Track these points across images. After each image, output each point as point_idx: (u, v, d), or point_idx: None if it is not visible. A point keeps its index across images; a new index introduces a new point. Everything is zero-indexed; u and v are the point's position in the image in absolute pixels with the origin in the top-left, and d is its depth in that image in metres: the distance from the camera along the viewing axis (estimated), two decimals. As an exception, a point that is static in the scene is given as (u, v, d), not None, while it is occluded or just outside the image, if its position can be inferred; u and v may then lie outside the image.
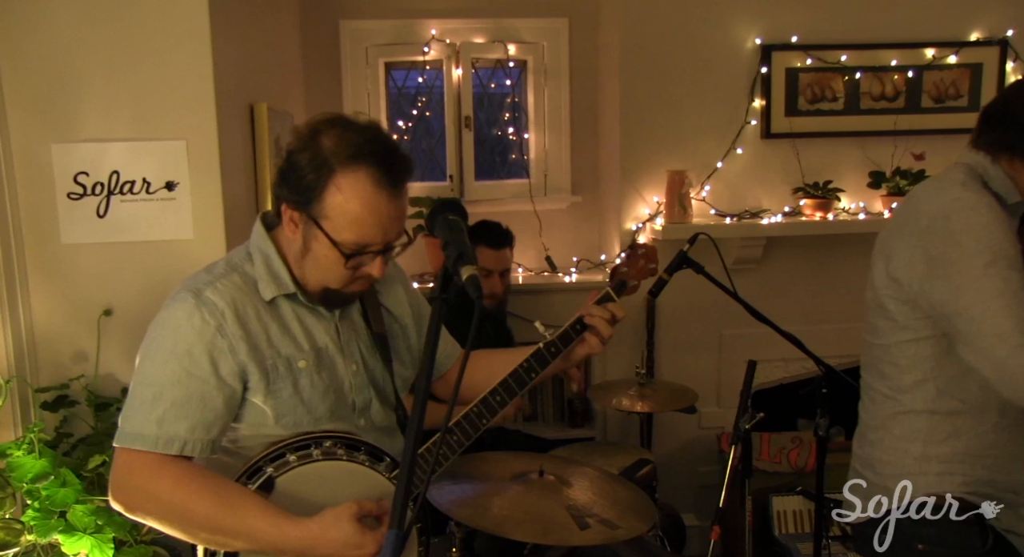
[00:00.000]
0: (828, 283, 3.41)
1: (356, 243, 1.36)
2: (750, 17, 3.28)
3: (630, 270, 1.72)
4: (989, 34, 3.33)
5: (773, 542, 3.11)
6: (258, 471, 1.39)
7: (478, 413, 1.52)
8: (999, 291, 1.45)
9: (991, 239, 1.49)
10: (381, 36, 3.46)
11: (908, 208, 1.67)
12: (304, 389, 1.42)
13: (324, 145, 1.35)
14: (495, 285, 2.92)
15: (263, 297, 1.42)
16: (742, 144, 3.32)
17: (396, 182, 1.35)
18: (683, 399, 2.83)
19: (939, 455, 1.62)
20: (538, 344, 1.57)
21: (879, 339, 1.71)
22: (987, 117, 1.66)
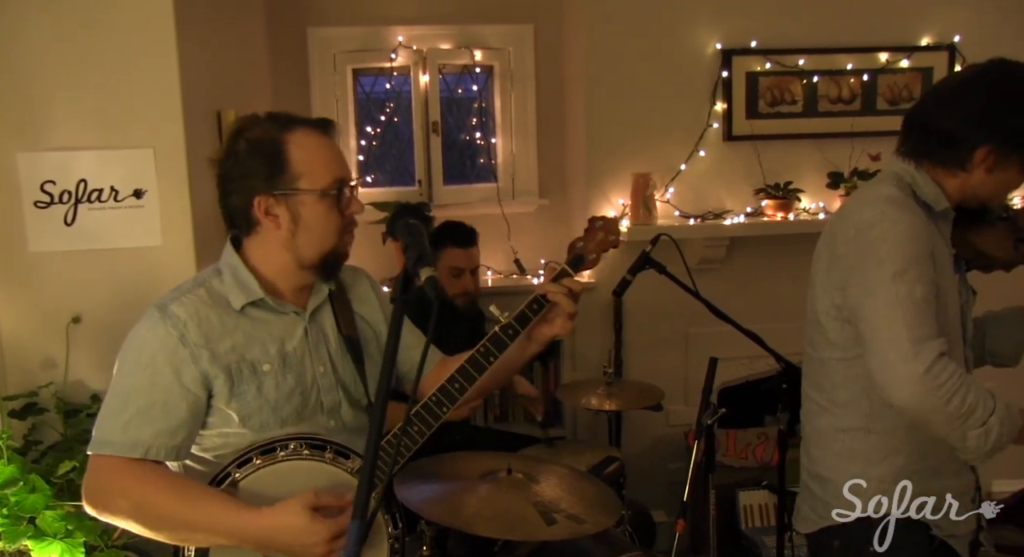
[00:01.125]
0: (790, 281, 3.48)
1: (336, 180, 1.46)
2: (711, 23, 3.36)
3: (587, 243, 1.66)
4: (938, 39, 3.44)
5: (740, 536, 3.18)
6: (226, 476, 1.44)
7: (437, 402, 1.52)
8: (901, 299, 1.46)
9: (904, 251, 1.50)
10: (349, 43, 3.49)
11: (840, 219, 1.68)
12: (269, 391, 1.47)
13: (256, 135, 1.44)
14: (467, 283, 2.96)
15: (234, 307, 1.47)
16: (705, 147, 3.40)
17: (328, 131, 1.50)
18: (650, 397, 2.88)
19: (879, 475, 1.64)
20: (495, 328, 1.57)
21: (816, 352, 1.73)
22: (907, 124, 1.68)
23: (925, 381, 1.42)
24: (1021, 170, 1.59)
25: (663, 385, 3.00)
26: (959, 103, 1.57)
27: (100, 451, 1.41)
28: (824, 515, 1.73)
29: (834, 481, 1.69)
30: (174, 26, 2.18)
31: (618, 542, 2.27)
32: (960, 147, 1.56)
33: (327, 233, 1.47)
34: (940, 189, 1.61)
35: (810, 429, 1.80)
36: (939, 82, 1.73)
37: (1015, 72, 1.57)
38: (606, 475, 2.71)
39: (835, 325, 1.65)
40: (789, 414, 2.34)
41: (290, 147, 1.43)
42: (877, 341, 1.49)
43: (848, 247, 1.58)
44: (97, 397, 2.21)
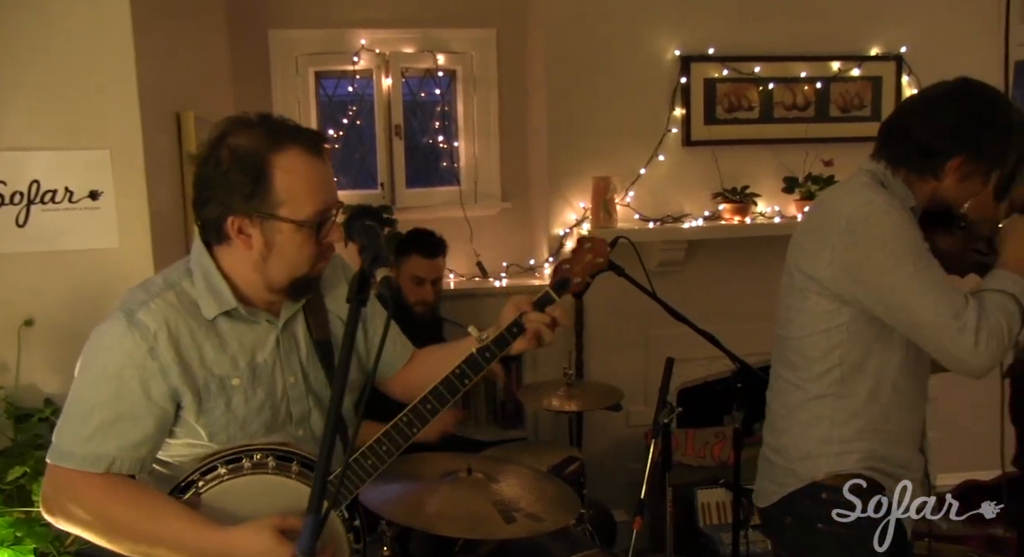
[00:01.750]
0: (747, 283, 3.55)
1: (319, 212, 1.39)
2: (670, 29, 3.42)
3: (574, 266, 1.59)
4: (887, 50, 3.55)
5: (698, 533, 3.23)
6: (190, 484, 1.41)
7: (408, 422, 1.48)
8: (930, 285, 1.59)
9: (909, 238, 1.61)
10: (310, 45, 3.49)
11: (822, 212, 1.76)
12: (237, 406, 1.43)
13: (241, 146, 1.35)
14: (427, 293, 2.97)
15: (205, 315, 1.42)
16: (664, 151, 3.45)
17: (321, 149, 1.41)
18: (610, 398, 2.92)
19: (840, 436, 1.73)
20: (471, 350, 1.52)
21: (791, 333, 1.81)
22: (885, 132, 1.77)
23: (980, 348, 1.55)
24: (985, 180, 1.71)
25: (623, 386, 3.03)
26: (936, 117, 1.68)
27: (61, 463, 1.36)
28: (783, 483, 1.79)
29: (796, 446, 1.78)
30: (131, 26, 2.17)
31: (578, 540, 2.30)
32: (935, 157, 1.67)
33: (300, 261, 1.41)
34: (909, 192, 1.71)
35: (778, 406, 1.87)
36: (914, 96, 1.84)
37: (982, 91, 1.69)
38: (566, 475, 2.74)
39: (822, 302, 1.72)
40: (745, 413, 2.39)
41: (276, 171, 1.35)
42: (922, 327, 1.61)
43: (844, 239, 1.66)
44: (51, 401, 2.18)
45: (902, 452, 1.76)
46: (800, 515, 1.76)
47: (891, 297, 1.62)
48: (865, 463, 1.72)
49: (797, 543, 1.79)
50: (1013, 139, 1.68)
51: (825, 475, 1.73)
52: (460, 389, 1.50)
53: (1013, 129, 1.67)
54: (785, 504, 1.79)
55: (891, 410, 1.74)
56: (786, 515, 1.80)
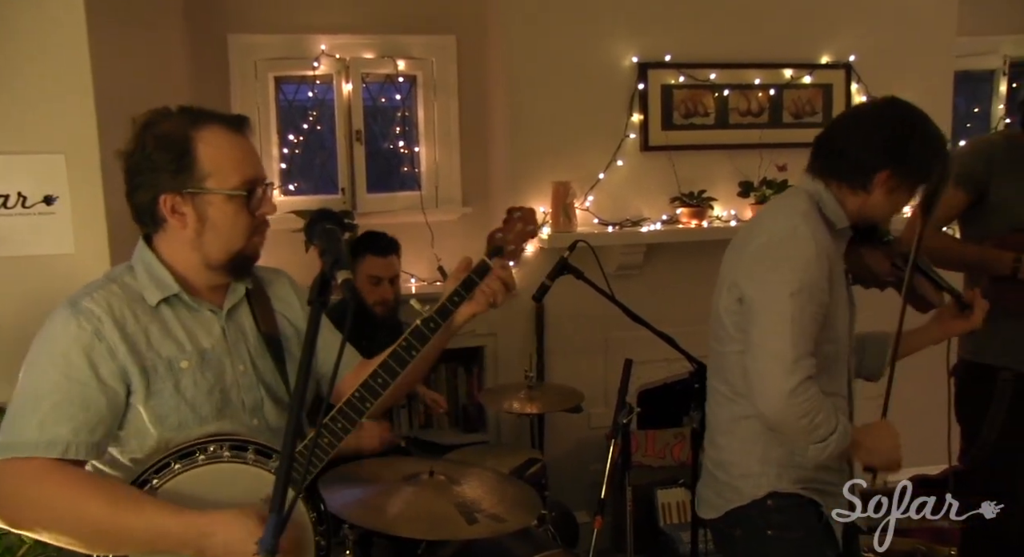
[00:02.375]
0: (705, 286, 3.58)
1: (246, 181, 1.42)
2: (627, 37, 3.47)
3: (507, 235, 1.64)
4: (836, 58, 3.64)
5: (659, 532, 3.28)
6: (143, 484, 1.38)
7: (360, 397, 1.49)
8: (793, 319, 1.64)
9: (805, 272, 1.67)
10: (270, 50, 3.47)
11: (754, 225, 1.84)
12: (186, 389, 1.43)
13: (164, 130, 1.40)
14: (385, 292, 2.99)
15: (149, 302, 1.44)
16: (622, 156, 3.50)
17: (242, 128, 1.46)
18: (570, 400, 2.96)
19: (777, 457, 1.79)
20: (416, 321, 1.55)
21: (720, 346, 1.86)
22: (817, 145, 1.84)
23: (790, 398, 1.62)
24: (910, 194, 1.79)
25: (584, 388, 3.07)
26: (866, 132, 1.76)
27: (12, 454, 1.31)
28: (729, 498, 1.84)
29: (737, 464, 1.83)
30: (86, 29, 2.15)
31: (540, 541, 2.33)
32: (865, 170, 1.74)
33: (235, 234, 1.44)
34: (842, 209, 1.78)
35: (715, 419, 1.91)
36: (845, 113, 1.92)
37: (909, 110, 1.77)
38: (528, 477, 2.77)
39: (736, 320, 1.78)
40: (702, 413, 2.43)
41: (199, 145, 1.39)
42: (763, 350, 1.67)
43: (757, 253, 1.73)
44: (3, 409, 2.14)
45: (830, 476, 1.82)
46: (749, 525, 1.82)
47: (759, 315, 1.69)
48: (799, 483, 1.79)
49: (748, 551, 1.84)
50: (936, 155, 1.75)
51: (767, 493, 1.79)
52: (408, 360, 1.52)
53: (936, 146, 1.75)
54: (732, 518, 1.84)
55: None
56: (735, 528, 1.85)
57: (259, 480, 1.42)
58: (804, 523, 1.78)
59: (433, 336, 1.54)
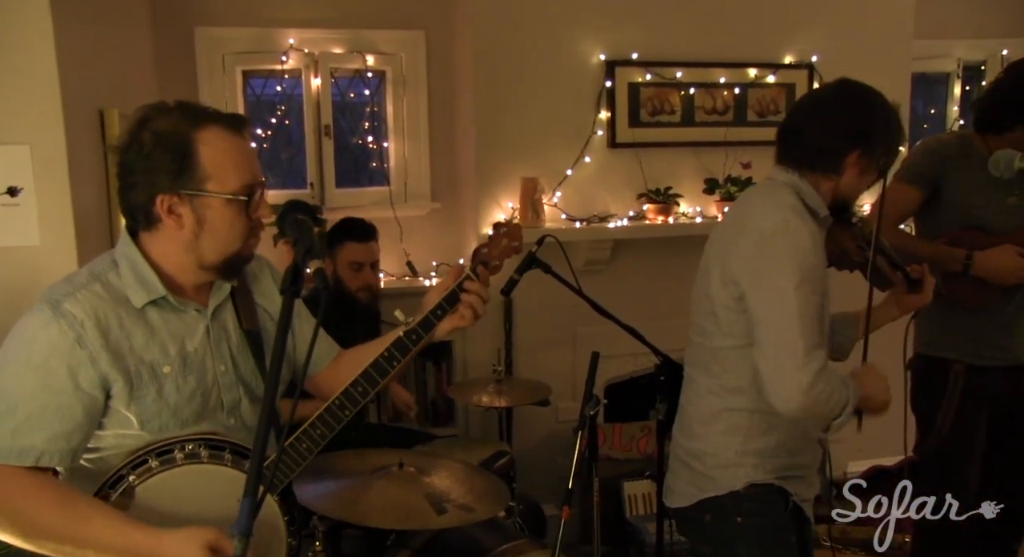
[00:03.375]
0: (671, 281, 3.67)
1: (246, 185, 1.41)
2: (595, 34, 3.51)
3: (491, 250, 1.71)
4: (799, 58, 3.72)
5: (625, 523, 3.33)
6: (120, 479, 1.38)
7: (340, 405, 1.52)
8: (800, 312, 1.66)
9: (804, 263, 1.69)
10: (238, 44, 3.45)
11: (741, 220, 1.84)
12: (169, 394, 1.43)
13: (163, 128, 1.38)
14: (368, 277, 3.00)
15: (134, 305, 1.42)
16: (590, 153, 3.54)
17: (242, 129, 1.44)
18: (538, 393, 2.99)
19: (755, 449, 1.82)
20: (399, 332, 1.59)
21: (708, 341, 1.87)
22: (783, 136, 1.88)
23: (807, 393, 1.64)
24: (879, 170, 1.83)
25: (552, 382, 3.11)
26: (829, 119, 1.80)
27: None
28: (702, 487, 1.87)
29: (716, 455, 1.85)
30: (51, 20, 2.13)
31: (509, 532, 2.35)
32: (835, 155, 1.78)
33: (232, 237, 1.43)
34: (819, 196, 1.82)
35: (694, 410, 1.93)
36: (803, 99, 1.96)
37: (862, 88, 1.81)
38: (496, 469, 2.80)
39: (732, 316, 1.79)
40: (668, 405, 2.47)
41: (200, 146, 1.37)
42: (775, 346, 1.68)
43: (752, 250, 1.74)
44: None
45: (805, 456, 1.88)
46: (719, 512, 1.85)
47: (766, 311, 1.70)
48: (776, 473, 1.83)
49: (717, 537, 1.87)
50: (897, 129, 1.80)
51: (744, 485, 1.82)
52: (389, 371, 1.56)
53: (893, 119, 1.80)
54: (702, 505, 1.88)
55: (799, 428, 1.83)
56: (704, 514, 1.88)
57: (237, 483, 1.41)
58: (772, 510, 1.83)
59: (414, 348, 1.58)
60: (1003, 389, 2.44)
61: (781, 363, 1.66)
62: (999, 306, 2.38)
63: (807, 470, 1.88)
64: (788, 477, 1.84)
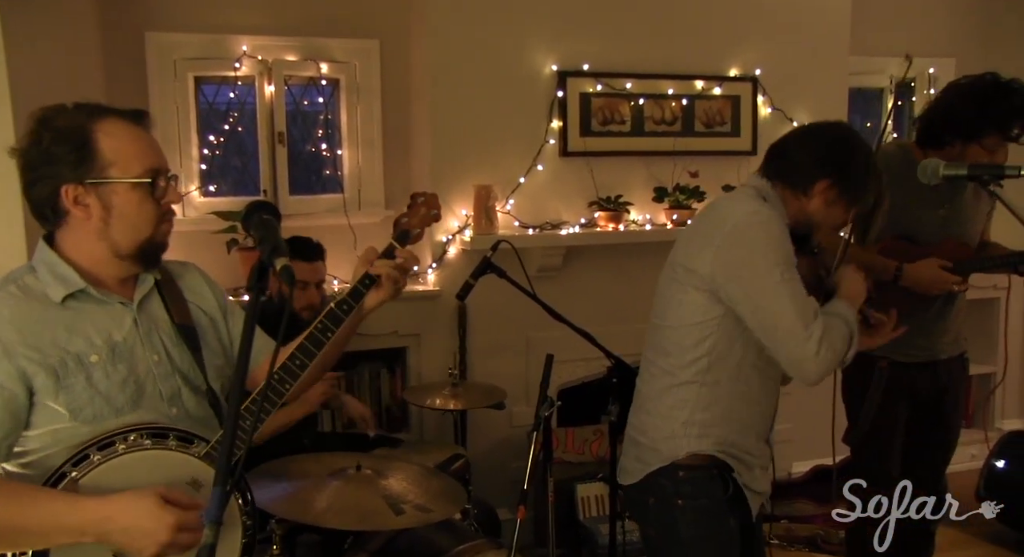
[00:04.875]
0: (622, 287, 3.75)
1: (149, 169, 1.44)
2: (547, 45, 3.58)
3: (411, 219, 1.75)
4: (744, 71, 3.85)
5: (579, 525, 3.38)
6: (61, 477, 1.36)
7: (279, 379, 1.54)
8: (791, 296, 1.79)
9: (783, 249, 1.82)
10: (190, 50, 3.43)
11: (711, 215, 1.97)
12: (99, 382, 1.42)
13: (61, 124, 1.40)
14: (312, 296, 3.00)
15: (53, 299, 1.42)
16: (542, 161, 3.60)
17: (142, 121, 1.47)
18: (493, 397, 3.03)
19: (701, 420, 1.91)
20: (330, 304, 1.61)
21: (668, 322, 1.96)
22: (771, 152, 2.02)
23: (817, 360, 1.77)
24: (846, 211, 1.95)
25: (506, 387, 3.15)
26: (812, 142, 1.95)
27: None
28: (647, 461, 1.95)
29: (661, 427, 1.94)
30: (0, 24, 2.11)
31: (464, 534, 2.38)
32: (806, 176, 1.91)
33: (142, 222, 1.45)
34: (784, 208, 1.94)
35: (647, 389, 2.03)
36: (799, 126, 2.11)
37: (855, 135, 1.97)
38: (452, 472, 2.82)
39: (698, 297, 1.89)
40: (620, 407, 2.54)
41: (99, 135, 1.40)
42: (777, 330, 1.80)
43: (728, 240, 1.84)
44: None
45: (749, 442, 1.96)
46: (661, 494, 1.93)
47: (758, 299, 1.81)
48: (719, 446, 1.91)
49: (660, 520, 1.96)
50: (872, 180, 1.92)
51: (685, 455, 1.90)
52: (324, 342, 1.58)
53: (873, 172, 1.92)
54: (647, 485, 1.96)
55: (743, 402, 1.94)
56: (649, 496, 1.96)
57: (184, 464, 1.43)
58: (710, 493, 1.91)
59: (347, 318, 1.60)
60: (921, 383, 2.61)
61: (787, 344, 1.79)
62: (921, 311, 2.54)
63: (752, 458, 1.96)
64: (731, 455, 1.92)
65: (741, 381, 1.92)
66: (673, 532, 1.92)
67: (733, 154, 3.82)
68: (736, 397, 1.92)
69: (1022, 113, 2.34)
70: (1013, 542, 3.56)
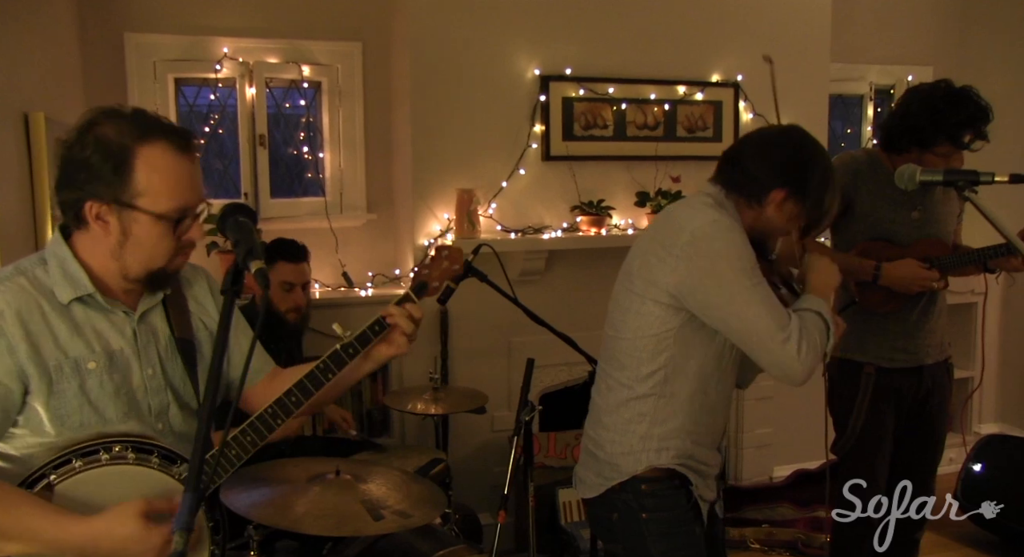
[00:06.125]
0: (604, 292, 3.69)
1: (178, 209, 1.40)
2: (530, 49, 3.58)
3: (432, 271, 1.75)
4: (725, 77, 3.86)
5: (560, 530, 3.37)
6: (40, 478, 1.35)
7: (272, 413, 1.53)
8: (762, 299, 1.76)
9: (747, 257, 1.79)
10: (170, 51, 3.41)
11: (666, 224, 1.90)
12: (92, 390, 1.41)
13: (107, 135, 1.37)
14: (298, 298, 2.98)
15: (60, 300, 1.41)
16: (525, 165, 3.60)
17: (190, 148, 1.43)
18: (474, 401, 3.02)
19: (659, 433, 1.88)
20: (335, 345, 1.59)
21: (623, 334, 1.92)
22: (724, 159, 1.96)
23: (799, 360, 1.74)
24: (800, 218, 1.90)
25: (487, 391, 3.14)
26: (767, 151, 1.88)
27: None
28: (607, 476, 1.92)
29: (619, 442, 1.91)
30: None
31: (445, 539, 2.37)
32: (760, 187, 1.86)
33: (157, 254, 1.43)
34: (738, 216, 1.89)
35: (603, 402, 1.98)
36: (752, 132, 2.03)
37: (811, 140, 1.91)
38: (432, 476, 2.81)
39: (657, 308, 1.84)
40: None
41: (139, 162, 1.36)
42: (752, 334, 1.77)
43: (689, 250, 1.79)
44: None
45: (706, 452, 1.94)
46: (625, 509, 1.90)
47: (728, 306, 1.77)
48: (679, 460, 1.89)
49: (626, 534, 1.92)
50: (829, 187, 1.88)
51: (645, 469, 1.87)
52: (323, 382, 1.56)
53: (830, 179, 1.88)
54: (609, 501, 1.92)
55: (702, 413, 1.91)
56: (612, 512, 1.93)
57: (163, 485, 1.41)
58: (674, 503, 1.89)
59: (350, 361, 1.58)
60: (907, 389, 2.62)
61: (768, 347, 1.75)
62: (904, 313, 2.56)
63: (708, 468, 1.95)
64: (689, 467, 1.90)
65: (699, 391, 1.89)
66: (641, 547, 1.89)
67: (715, 159, 3.72)
68: (694, 407, 1.89)
69: (972, 122, 2.36)
70: (989, 545, 3.59)
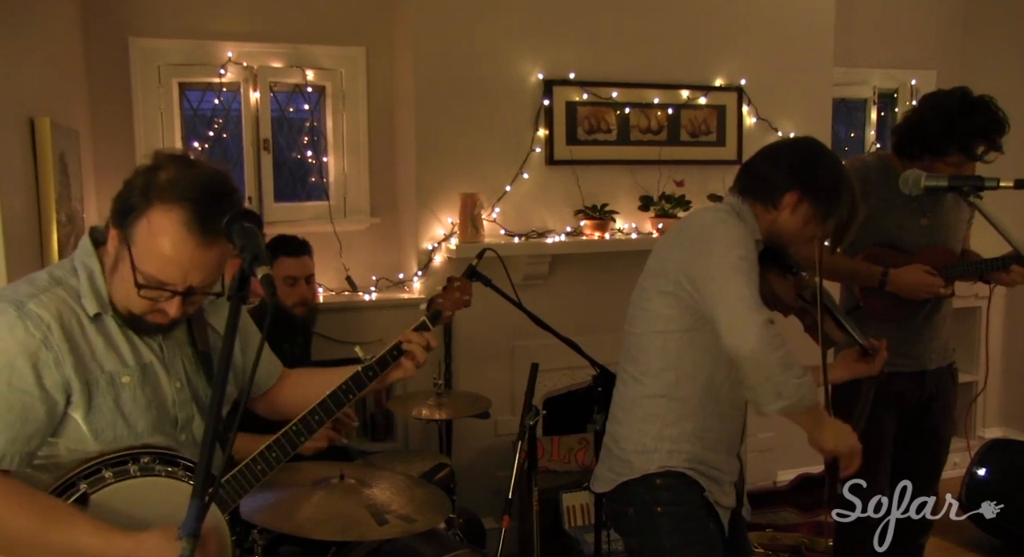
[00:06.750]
0: (608, 296, 3.75)
1: (154, 278, 1.38)
2: (533, 54, 3.59)
3: (445, 301, 1.88)
4: (729, 81, 3.87)
5: (564, 535, 3.37)
6: (71, 486, 1.37)
7: (296, 431, 1.60)
8: (741, 267, 1.76)
9: (744, 244, 1.82)
10: (174, 56, 3.42)
11: (683, 223, 2.00)
12: (125, 404, 1.43)
13: (160, 176, 1.37)
14: (303, 291, 2.98)
15: (87, 312, 1.42)
16: (528, 170, 3.61)
17: (208, 231, 1.35)
18: (478, 406, 3.02)
19: (671, 435, 1.92)
20: (357, 367, 1.69)
21: (635, 328, 1.99)
22: (741, 169, 2.04)
23: (764, 329, 1.69)
24: (819, 224, 1.94)
25: (491, 396, 3.13)
26: (779, 155, 1.98)
27: None
28: (619, 472, 1.96)
29: (633, 439, 1.95)
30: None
31: (449, 543, 2.37)
32: (774, 189, 1.92)
33: (131, 301, 1.42)
34: (757, 223, 1.95)
35: (619, 397, 2.04)
36: (769, 143, 2.10)
37: (823, 149, 1.98)
38: (436, 481, 2.81)
39: (666, 301, 1.90)
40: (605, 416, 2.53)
41: (144, 218, 1.36)
42: (727, 298, 1.75)
43: (692, 239, 1.89)
44: None
45: (720, 458, 1.97)
46: (640, 504, 1.94)
47: (711, 274, 1.78)
48: (690, 463, 1.92)
49: (640, 528, 1.95)
50: (841, 186, 1.92)
51: (657, 468, 1.91)
52: (345, 402, 1.66)
53: (841, 177, 1.92)
54: (623, 495, 1.96)
55: (714, 420, 1.94)
56: (628, 506, 1.96)
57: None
58: (689, 498, 1.92)
59: (371, 383, 1.69)
60: (909, 393, 2.62)
61: (735, 308, 1.72)
62: (909, 319, 2.56)
63: (722, 475, 1.97)
64: (702, 473, 1.92)
65: (711, 398, 1.92)
66: (655, 540, 1.92)
67: (718, 163, 3.84)
68: (707, 414, 1.93)
69: (986, 133, 2.34)
70: (994, 549, 3.58)
